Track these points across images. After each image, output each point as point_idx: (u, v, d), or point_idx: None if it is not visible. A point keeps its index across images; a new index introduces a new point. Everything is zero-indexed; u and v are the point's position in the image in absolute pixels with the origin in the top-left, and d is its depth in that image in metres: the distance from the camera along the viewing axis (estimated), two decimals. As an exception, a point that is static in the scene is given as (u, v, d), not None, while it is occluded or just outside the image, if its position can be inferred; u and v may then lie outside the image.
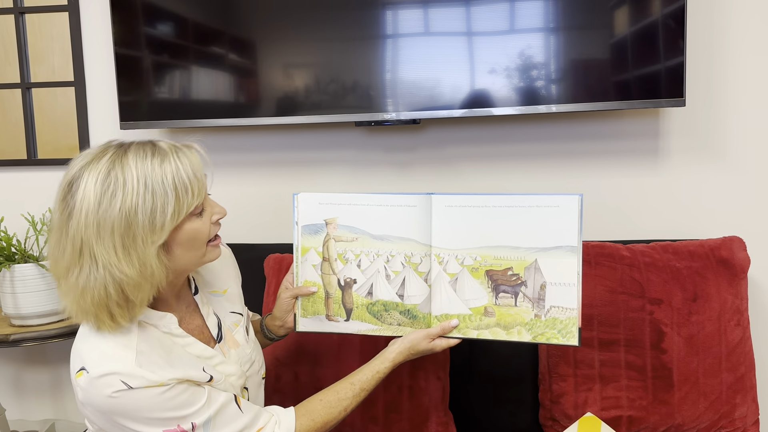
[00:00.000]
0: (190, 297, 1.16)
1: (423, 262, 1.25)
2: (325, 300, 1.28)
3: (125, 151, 0.98)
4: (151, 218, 0.96)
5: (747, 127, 1.76)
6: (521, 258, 1.21)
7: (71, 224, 0.96)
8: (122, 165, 0.97)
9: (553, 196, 1.21)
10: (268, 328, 1.35)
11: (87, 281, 0.96)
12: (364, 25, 1.69)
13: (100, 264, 0.95)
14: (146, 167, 0.97)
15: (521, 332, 1.21)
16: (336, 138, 1.89)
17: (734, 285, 1.55)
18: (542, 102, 1.66)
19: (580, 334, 1.18)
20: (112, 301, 0.97)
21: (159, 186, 0.97)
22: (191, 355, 1.06)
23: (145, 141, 1.02)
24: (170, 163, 0.99)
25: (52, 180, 1.98)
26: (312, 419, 1.14)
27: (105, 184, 0.95)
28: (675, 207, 1.81)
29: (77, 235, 0.95)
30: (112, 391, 0.95)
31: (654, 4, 1.61)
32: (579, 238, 1.18)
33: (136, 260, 0.96)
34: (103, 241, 0.95)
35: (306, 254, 1.28)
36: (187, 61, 1.77)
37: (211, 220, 1.06)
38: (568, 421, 1.53)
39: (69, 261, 0.97)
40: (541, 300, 1.20)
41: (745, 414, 1.51)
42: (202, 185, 1.04)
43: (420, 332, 1.22)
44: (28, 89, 1.97)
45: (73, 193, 0.96)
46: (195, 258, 1.06)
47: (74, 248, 0.96)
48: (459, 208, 1.24)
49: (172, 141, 1.04)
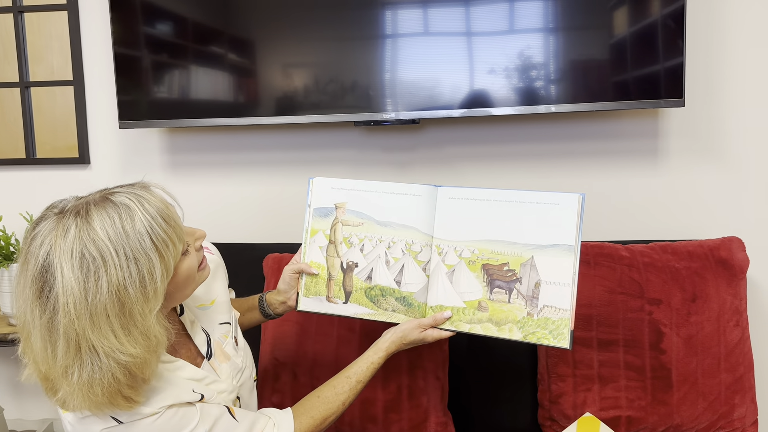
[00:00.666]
0: (176, 318, 1.12)
1: (423, 251, 1.26)
2: (327, 281, 1.30)
3: (88, 221, 0.88)
4: (142, 288, 0.89)
5: (746, 127, 1.76)
6: (518, 254, 1.21)
7: (58, 320, 0.86)
8: (93, 239, 0.87)
9: (554, 193, 1.21)
10: (268, 303, 1.35)
11: (92, 374, 0.87)
12: (364, 25, 1.69)
13: (101, 353, 0.87)
14: (119, 233, 0.88)
15: (512, 330, 1.20)
16: (335, 138, 1.89)
17: (733, 285, 1.55)
18: (541, 102, 1.66)
19: (572, 337, 1.17)
20: (123, 386, 0.90)
21: (139, 252, 0.88)
22: (181, 377, 1.03)
23: (100, 197, 0.92)
24: (141, 221, 0.90)
25: (50, 179, 1.98)
26: (311, 417, 1.14)
27: (83, 267, 0.86)
28: (674, 207, 1.81)
29: (70, 329, 0.86)
30: (102, 427, 0.93)
31: (653, 5, 1.61)
32: (577, 237, 1.18)
33: (139, 335, 0.90)
34: (99, 329, 0.87)
35: (315, 236, 1.31)
36: (187, 60, 1.76)
37: (195, 248, 1.02)
38: (567, 421, 1.53)
39: (65, 360, 0.88)
40: (535, 298, 1.19)
41: (743, 414, 1.51)
42: (179, 228, 0.95)
43: (412, 322, 1.23)
44: (26, 88, 1.96)
45: (50, 286, 0.86)
46: (191, 290, 1.04)
47: (69, 344, 0.87)
48: (462, 201, 1.25)
49: (126, 187, 0.95)
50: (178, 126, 1.81)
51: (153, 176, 1.94)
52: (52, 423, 2.05)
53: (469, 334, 1.23)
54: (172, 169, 1.97)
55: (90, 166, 1.98)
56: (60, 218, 0.89)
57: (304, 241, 1.32)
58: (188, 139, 1.95)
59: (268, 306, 1.35)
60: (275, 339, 1.60)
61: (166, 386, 0.99)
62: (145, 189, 0.95)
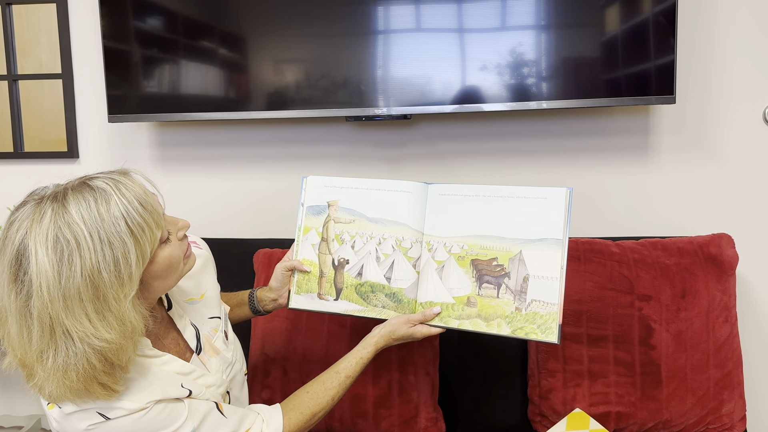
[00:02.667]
0: (164, 313, 1.11)
1: (413, 247, 1.27)
2: (318, 278, 1.31)
3: (64, 205, 0.88)
4: (116, 273, 0.88)
5: (736, 124, 1.77)
6: (506, 249, 1.21)
7: (32, 304, 0.86)
8: (68, 223, 0.86)
9: (542, 188, 1.21)
10: (258, 300, 1.34)
11: (66, 359, 0.87)
12: (356, 21, 1.69)
13: (75, 338, 0.87)
14: (93, 217, 0.87)
15: (501, 325, 1.20)
16: (326, 133, 1.89)
17: (722, 282, 1.56)
18: (533, 98, 1.66)
19: (560, 332, 1.17)
20: (99, 372, 0.89)
21: (114, 235, 0.88)
22: (169, 372, 1.03)
23: (78, 183, 0.91)
24: (117, 204, 0.89)
25: (39, 173, 1.96)
26: (300, 412, 1.13)
27: (57, 250, 0.85)
28: (664, 204, 1.82)
29: (43, 313, 0.86)
30: (88, 424, 0.92)
31: (645, 2, 1.61)
32: (565, 232, 1.18)
33: (114, 320, 0.89)
34: (73, 313, 0.86)
35: (307, 234, 1.32)
36: (177, 55, 1.75)
37: (177, 237, 1.01)
38: (556, 416, 1.53)
39: (40, 344, 0.87)
40: (523, 293, 1.19)
41: (732, 410, 1.52)
42: (157, 214, 0.94)
43: (401, 317, 1.23)
44: (14, 81, 1.94)
45: (24, 269, 0.86)
46: (174, 280, 1.02)
47: (43, 329, 0.86)
48: (451, 197, 1.26)
49: (106, 173, 0.94)
50: (168, 120, 1.80)
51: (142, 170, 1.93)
52: (40, 419, 2.04)
53: (459, 330, 1.23)
54: (162, 164, 1.95)
55: (79, 160, 1.96)
56: (38, 204, 0.89)
57: (297, 239, 1.33)
58: (178, 133, 1.93)
59: (258, 302, 1.34)
60: (265, 335, 1.59)
61: (153, 381, 0.98)
62: (124, 175, 0.95)
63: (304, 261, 1.31)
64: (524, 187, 1.22)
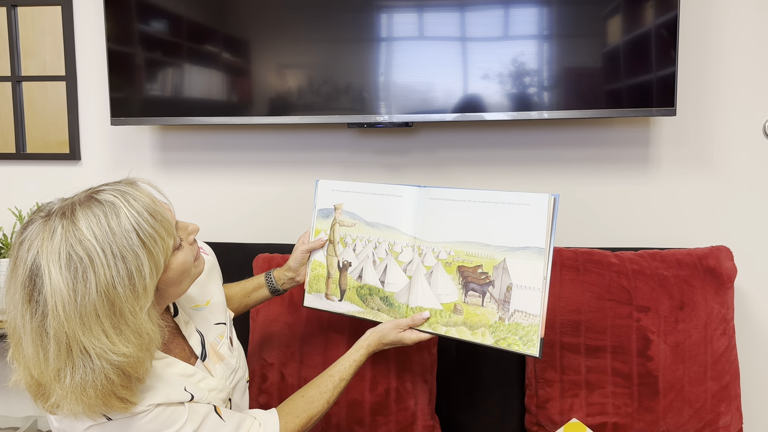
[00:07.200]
0: (170, 319, 1.11)
1: (404, 251, 1.28)
2: (326, 279, 1.36)
3: (73, 221, 0.87)
4: (131, 286, 0.88)
5: (736, 137, 1.77)
6: (491, 256, 1.18)
7: (48, 323, 0.85)
8: (79, 240, 0.86)
9: (525, 193, 1.16)
10: (275, 279, 1.38)
11: (84, 377, 0.86)
12: (359, 28, 1.69)
13: (93, 354, 0.86)
14: (105, 232, 0.87)
15: (485, 334, 1.18)
16: (328, 139, 1.89)
17: (721, 294, 1.56)
18: (534, 108, 1.67)
19: (542, 345, 1.12)
20: (117, 386, 0.89)
21: (126, 249, 0.87)
22: (173, 374, 1.03)
23: (85, 197, 0.91)
24: (127, 217, 0.89)
25: (41, 174, 1.97)
26: (296, 416, 1.14)
27: (71, 268, 0.85)
28: (664, 215, 1.82)
29: (60, 332, 0.85)
30: (87, 426, 0.92)
31: (647, 15, 1.62)
32: (548, 240, 1.13)
33: (131, 334, 0.88)
34: (90, 330, 0.86)
35: (318, 236, 1.37)
36: (180, 58, 1.76)
37: (188, 242, 1.00)
38: (553, 426, 1.53)
39: (57, 363, 0.86)
40: (507, 302, 1.15)
41: (729, 423, 1.52)
42: (167, 222, 0.93)
43: (391, 322, 1.24)
44: (18, 83, 1.95)
45: (38, 289, 0.85)
46: (187, 285, 1.02)
47: (60, 347, 0.86)
48: (440, 201, 1.25)
49: (111, 185, 0.94)
50: (171, 123, 1.81)
51: (144, 174, 1.93)
52: (36, 420, 2.03)
53: (446, 337, 1.22)
54: (164, 167, 1.96)
55: (81, 162, 1.97)
56: (46, 221, 0.88)
57: (311, 238, 1.40)
58: (180, 137, 1.94)
59: (276, 281, 1.38)
60: (263, 340, 1.59)
61: (157, 383, 0.98)
62: (131, 185, 0.94)
63: (314, 263, 1.37)
64: (508, 193, 1.18)
